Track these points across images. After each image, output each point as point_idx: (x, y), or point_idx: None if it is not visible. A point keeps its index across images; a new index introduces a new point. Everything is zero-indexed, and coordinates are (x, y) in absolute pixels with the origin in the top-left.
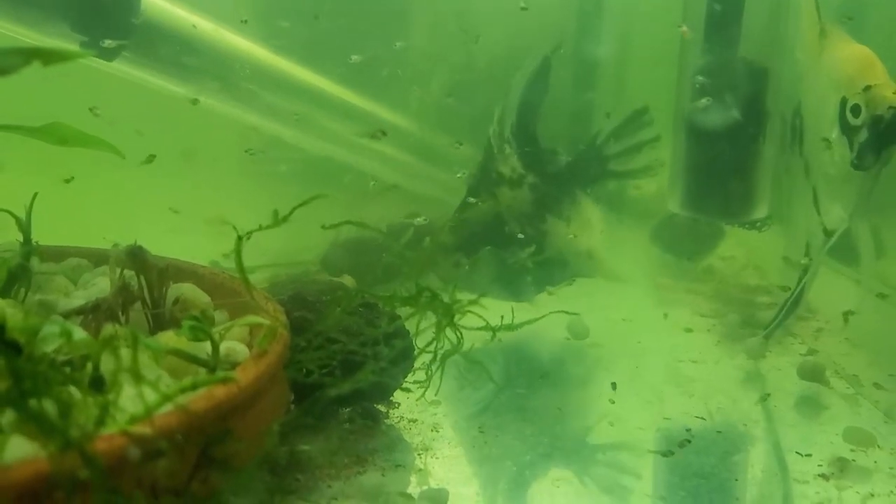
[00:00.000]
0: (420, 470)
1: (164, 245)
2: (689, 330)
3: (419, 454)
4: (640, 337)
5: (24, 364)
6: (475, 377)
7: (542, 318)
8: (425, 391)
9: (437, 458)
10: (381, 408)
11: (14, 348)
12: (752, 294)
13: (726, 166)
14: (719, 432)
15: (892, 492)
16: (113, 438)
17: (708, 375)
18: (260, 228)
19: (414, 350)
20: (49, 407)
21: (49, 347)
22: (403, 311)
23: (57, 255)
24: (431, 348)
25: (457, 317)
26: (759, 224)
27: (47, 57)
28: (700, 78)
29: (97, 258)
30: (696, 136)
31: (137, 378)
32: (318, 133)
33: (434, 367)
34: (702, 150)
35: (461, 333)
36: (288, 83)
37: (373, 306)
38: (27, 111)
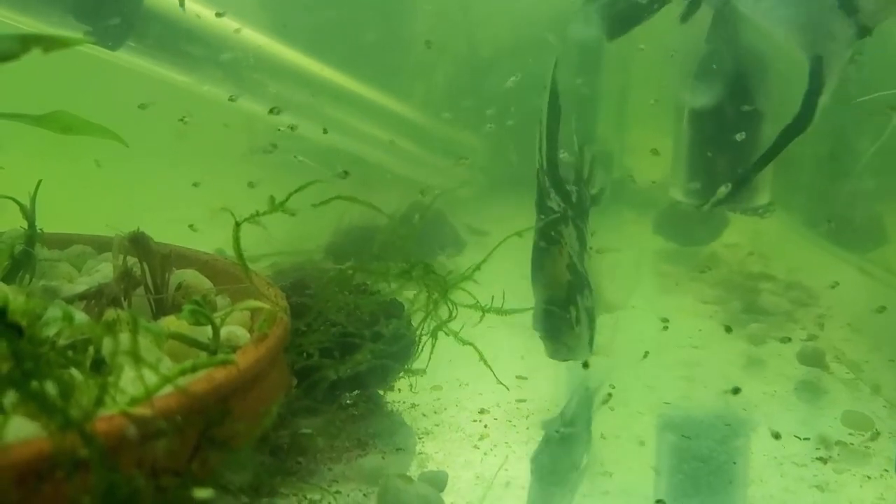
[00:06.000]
0: (420, 453)
1: (171, 233)
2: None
3: (420, 438)
4: (642, 323)
5: (26, 346)
6: None
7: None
8: (426, 370)
9: (437, 441)
10: (383, 392)
11: (16, 331)
12: (755, 281)
13: (728, 153)
14: (719, 416)
15: (886, 471)
16: (113, 419)
17: (709, 361)
18: (257, 215)
19: (415, 336)
20: (50, 388)
21: (51, 331)
22: (406, 300)
23: (62, 242)
24: (429, 330)
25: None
26: (760, 210)
27: (48, 44)
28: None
29: (101, 245)
30: (698, 124)
31: (138, 360)
32: (323, 123)
33: (429, 344)
34: (703, 137)
35: (455, 309)
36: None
37: (374, 293)
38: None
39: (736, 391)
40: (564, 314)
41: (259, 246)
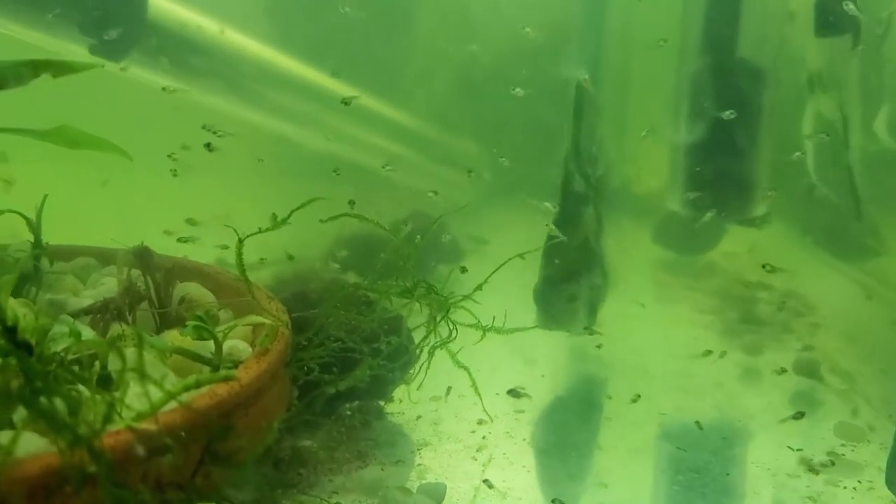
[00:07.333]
0: (419, 465)
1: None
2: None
3: (419, 449)
4: (638, 333)
5: (36, 364)
6: None
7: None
8: (420, 385)
9: (436, 452)
10: (382, 403)
11: (26, 348)
12: (753, 290)
13: (725, 164)
14: (714, 427)
15: (865, 481)
16: (119, 434)
17: (705, 371)
18: (260, 231)
19: (414, 347)
20: (59, 405)
21: (59, 347)
22: (406, 309)
23: (66, 254)
24: (429, 343)
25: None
26: (757, 221)
27: (57, 69)
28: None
29: (105, 257)
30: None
31: (143, 377)
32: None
33: (426, 361)
34: (700, 147)
35: (455, 328)
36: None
37: (373, 304)
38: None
39: (799, 416)
40: (558, 289)
41: (260, 253)
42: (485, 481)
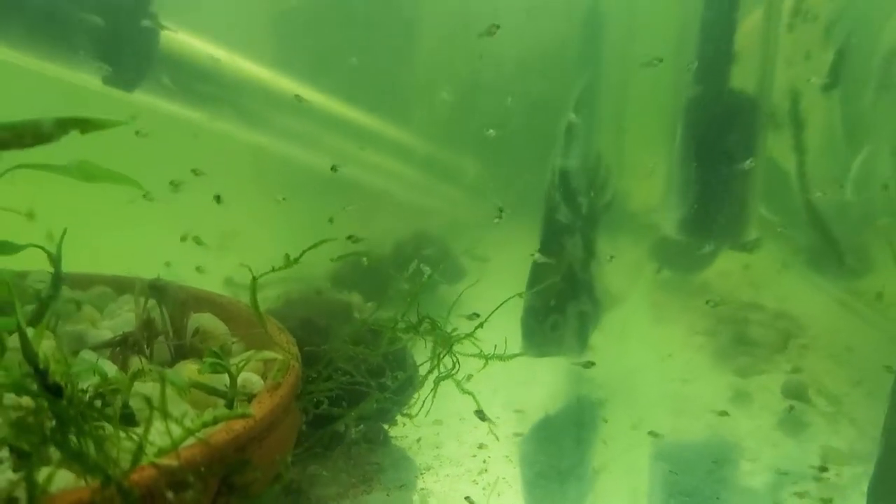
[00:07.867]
0: (422, 489)
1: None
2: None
3: (422, 473)
4: (632, 355)
5: (66, 408)
6: None
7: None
8: (427, 412)
9: (438, 476)
10: (387, 426)
11: (56, 390)
12: (745, 311)
13: (719, 191)
14: (705, 450)
15: None
16: (144, 470)
17: (697, 394)
18: (273, 270)
19: (419, 379)
20: (88, 443)
21: (84, 383)
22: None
23: (83, 282)
24: (433, 373)
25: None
26: (749, 245)
27: (84, 126)
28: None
29: (121, 286)
30: (688, 160)
31: (166, 415)
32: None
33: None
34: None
35: (458, 361)
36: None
37: (379, 334)
38: None
39: (823, 470)
40: (540, 320)
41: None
42: (466, 498)
